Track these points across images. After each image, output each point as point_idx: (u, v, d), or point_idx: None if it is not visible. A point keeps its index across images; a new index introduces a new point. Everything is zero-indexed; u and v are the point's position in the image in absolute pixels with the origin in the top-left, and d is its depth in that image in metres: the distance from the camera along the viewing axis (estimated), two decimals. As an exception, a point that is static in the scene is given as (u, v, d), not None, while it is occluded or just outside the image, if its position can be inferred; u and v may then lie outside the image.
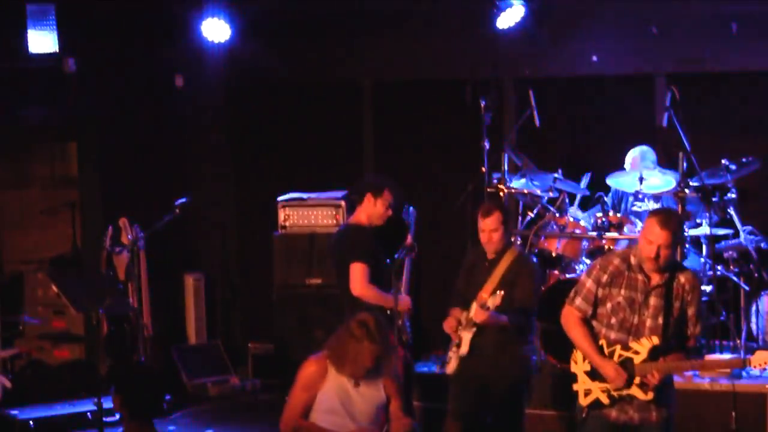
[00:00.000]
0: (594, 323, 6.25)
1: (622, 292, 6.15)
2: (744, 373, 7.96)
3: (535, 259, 7.75)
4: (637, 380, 6.10)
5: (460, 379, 7.14)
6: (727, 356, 8.31)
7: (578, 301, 6.24)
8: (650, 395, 6.10)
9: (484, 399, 7.13)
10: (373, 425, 6.11)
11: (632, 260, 6.16)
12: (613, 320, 6.17)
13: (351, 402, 6.08)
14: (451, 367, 7.14)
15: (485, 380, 7.04)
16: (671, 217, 6.14)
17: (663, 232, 6.00)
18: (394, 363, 6.20)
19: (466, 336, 7.02)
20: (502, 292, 6.82)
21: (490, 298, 6.85)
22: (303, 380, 6.15)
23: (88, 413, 8.66)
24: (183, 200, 9.40)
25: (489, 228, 7.07)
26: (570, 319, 6.27)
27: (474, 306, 6.96)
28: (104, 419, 7.47)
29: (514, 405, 7.12)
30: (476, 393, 7.10)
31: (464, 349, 7.03)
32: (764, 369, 6.08)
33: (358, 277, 7.46)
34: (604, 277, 6.18)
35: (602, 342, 6.19)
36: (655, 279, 6.12)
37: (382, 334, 6.02)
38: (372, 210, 7.67)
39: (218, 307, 11.06)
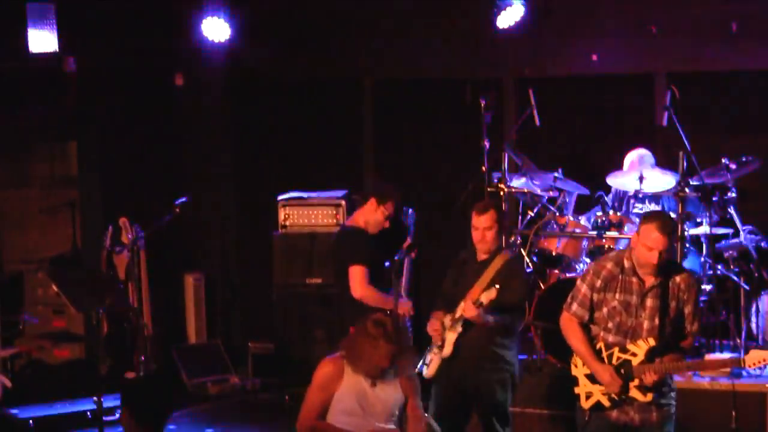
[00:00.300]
0: (592, 327, 6.27)
1: (617, 296, 6.16)
2: (744, 372, 7.96)
3: (529, 264, 7.70)
4: (635, 382, 6.11)
5: (443, 382, 6.99)
6: (725, 355, 8.30)
7: (575, 306, 6.27)
8: (649, 397, 6.11)
9: (468, 401, 7.04)
10: (390, 425, 6.09)
11: (625, 264, 6.16)
12: (610, 324, 6.19)
13: (368, 402, 6.04)
14: (431, 370, 6.98)
15: (469, 382, 6.91)
16: (667, 220, 6.13)
17: (663, 237, 5.99)
18: (410, 362, 6.16)
19: (451, 337, 6.87)
20: (498, 287, 6.68)
21: (484, 293, 6.71)
22: (319, 380, 6.10)
23: (88, 413, 8.66)
24: (183, 200, 9.40)
25: (483, 226, 6.92)
26: (568, 325, 6.30)
27: (462, 305, 6.83)
28: (104, 419, 7.47)
29: (499, 407, 6.98)
30: (460, 395, 6.97)
31: (447, 350, 6.87)
32: (761, 368, 6.09)
33: (357, 280, 7.47)
34: (598, 282, 6.20)
35: (600, 345, 6.21)
36: (650, 281, 6.12)
37: (399, 333, 5.99)
38: (371, 216, 7.68)
39: (218, 307, 11.07)
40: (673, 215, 8.67)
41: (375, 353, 5.93)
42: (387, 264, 7.75)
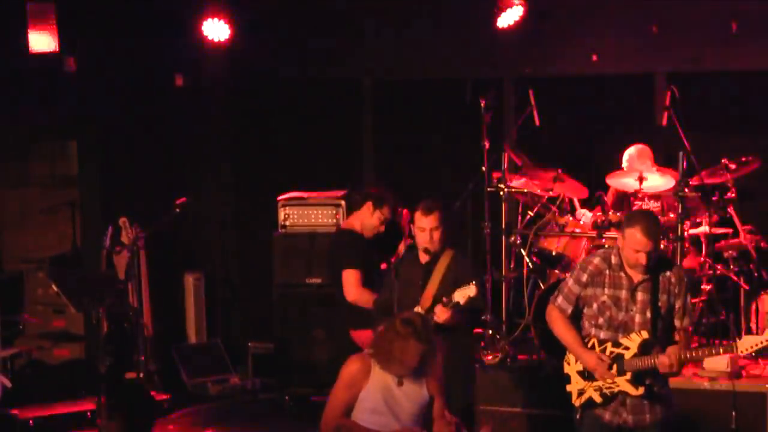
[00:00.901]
0: (584, 324, 6.28)
1: (606, 291, 6.18)
2: (744, 373, 7.97)
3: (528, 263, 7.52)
4: (627, 376, 6.11)
5: None
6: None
7: (559, 299, 6.33)
8: (641, 390, 6.12)
9: None
10: (416, 424, 6.07)
11: (613, 259, 6.18)
12: (601, 320, 6.21)
13: (395, 401, 6.01)
14: None
15: None
16: (651, 222, 6.10)
17: (648, 240, 6.00)
18: (439, 362, 6.14)
19: None
20: (474, 283, 6.56)
21: (456, 292, 6.60)
22: (345, 378, 6.07)
23: (88, 412, 8.66)
24: (183, 200, 9.40)
25: (430, 226, 6.84)
26: (553, 315, 6.36)
27: (420, 311, 6.71)
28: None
29: (466, 405, 6.92)
30: None
31: None
32: (751, 354, 6.12)
33: (350, 283, 7.50)
34: (584, 277, 6.22)
35: (593, 341, 6.22)
36: (638, 276, 6.13)
37: (428, 332, 5.97)
38: (368, 220, 7.70)
39: (218, 307, 11.07)
40: (672, 215, 8.68)
41: (405, 352, 5.88)
42: (384, 267, 7.76)
